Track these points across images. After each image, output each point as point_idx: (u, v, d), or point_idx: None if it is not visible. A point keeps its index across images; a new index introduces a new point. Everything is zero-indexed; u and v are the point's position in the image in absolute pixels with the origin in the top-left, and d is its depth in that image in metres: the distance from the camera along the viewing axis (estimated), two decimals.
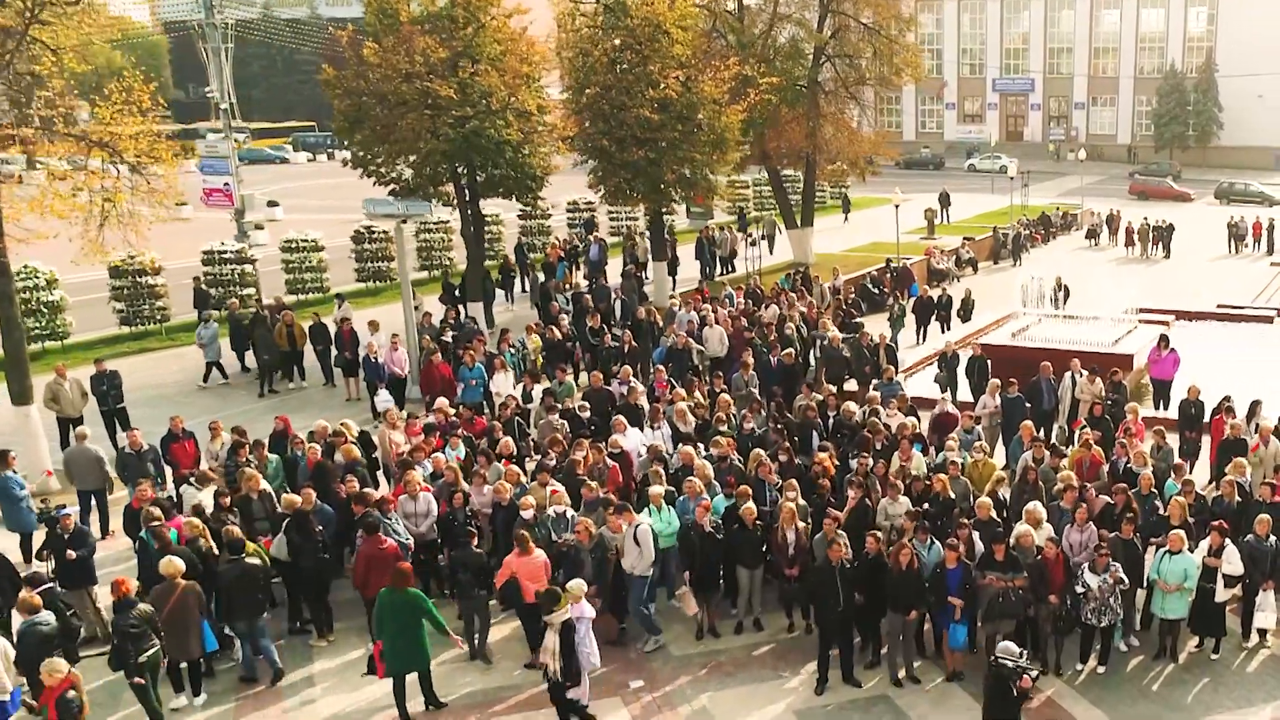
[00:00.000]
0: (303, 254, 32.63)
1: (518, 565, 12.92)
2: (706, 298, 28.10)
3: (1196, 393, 19.01)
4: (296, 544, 13.38)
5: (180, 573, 11.98)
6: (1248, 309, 34.48)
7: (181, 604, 11.79)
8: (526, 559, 12.91)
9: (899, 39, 36.89)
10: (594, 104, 28.04)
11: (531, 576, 12.85)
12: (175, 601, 11.74)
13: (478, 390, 20.97)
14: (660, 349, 23.27)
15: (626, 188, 28.83)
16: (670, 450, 16.56)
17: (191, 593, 11.96)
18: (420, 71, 23.19)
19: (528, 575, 12.85)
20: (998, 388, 19.36)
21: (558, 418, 17.69)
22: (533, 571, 12.88)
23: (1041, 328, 26.52)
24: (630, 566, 13.20)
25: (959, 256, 43.39)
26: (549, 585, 12.68)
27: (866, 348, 23.16)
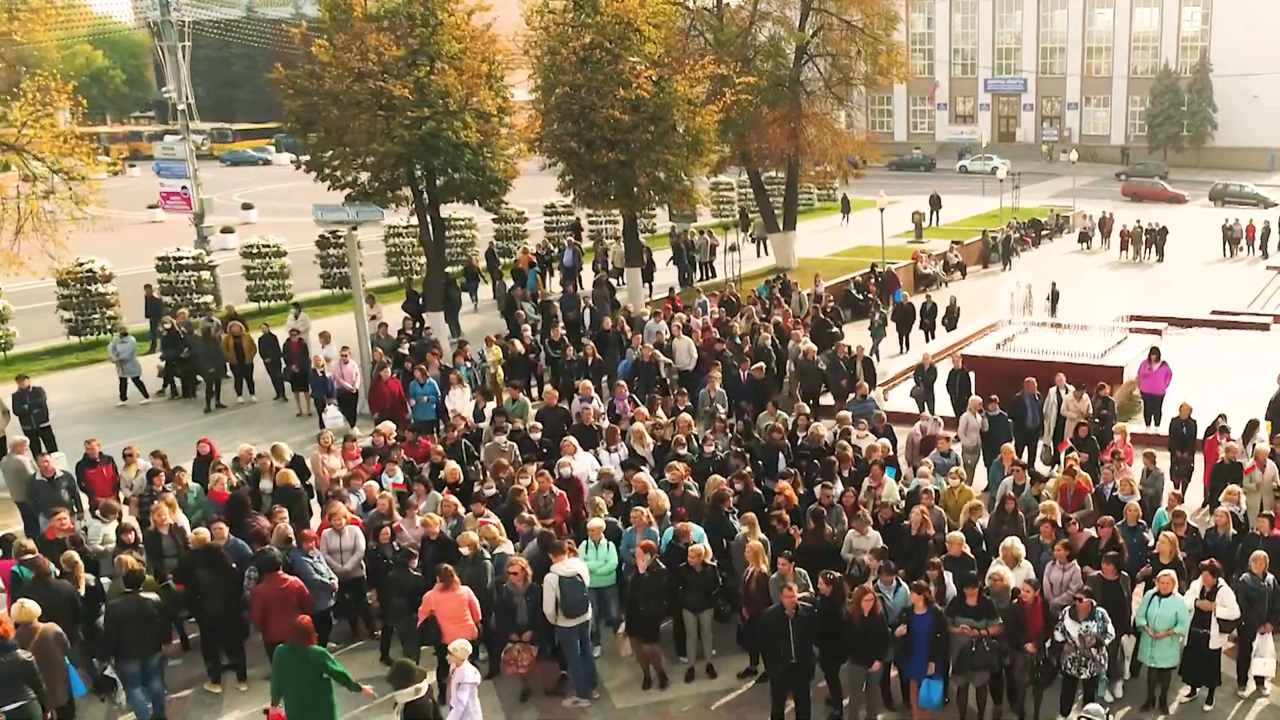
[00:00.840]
0: (264, 260, 31.45)
1: (437, 602, 11.77)
2: (679, 307, 26.96)
3: (1189, 411, 17.88)
4: (204, 584, 12.20)
5: (35, 616, 10.83)
6: (1243, 315, 33.39)
7: (41, 648, 10.63)
8: (447, 595, 11.75)
9: (884, 38, 35.74)
10: (563, 104, 26.88)
11: (452, 616, 11.71)
12: (34, 647, 10.58)
13: (430, 408, 19.81)
14: (625, 362, 22.12)
15: (597, 191, 27.65)
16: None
17: (51, 636, 10.80)
18: (374, 70, 22.03)
19: (447, 614, 11.71)
20: (978, 405, 18.22)
21: (505, 440, 16.52)
22: (454, 610, 11.74)
23: (1028, 337, 25.37)
24: (550, 615, 12.03)
25: (947, 261, 42.30)
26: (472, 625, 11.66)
27: (843, 360, 22.01)
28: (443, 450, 15.90)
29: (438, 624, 11.70)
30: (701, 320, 25.26)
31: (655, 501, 13.65)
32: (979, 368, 24.22)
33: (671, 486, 14.43)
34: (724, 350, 22.16)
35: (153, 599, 11.65)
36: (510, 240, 38.53)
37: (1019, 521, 13.70)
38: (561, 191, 28.46)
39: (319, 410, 20.79)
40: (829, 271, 37.55)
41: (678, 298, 27.64)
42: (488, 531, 12.98)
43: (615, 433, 16.64)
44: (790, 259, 37.57)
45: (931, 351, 28.05)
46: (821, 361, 22.12)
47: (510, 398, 18.82)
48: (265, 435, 21.27)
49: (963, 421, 18.31)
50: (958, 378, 21.02)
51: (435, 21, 23.14)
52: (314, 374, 20.79)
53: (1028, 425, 18.93)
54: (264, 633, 11.90)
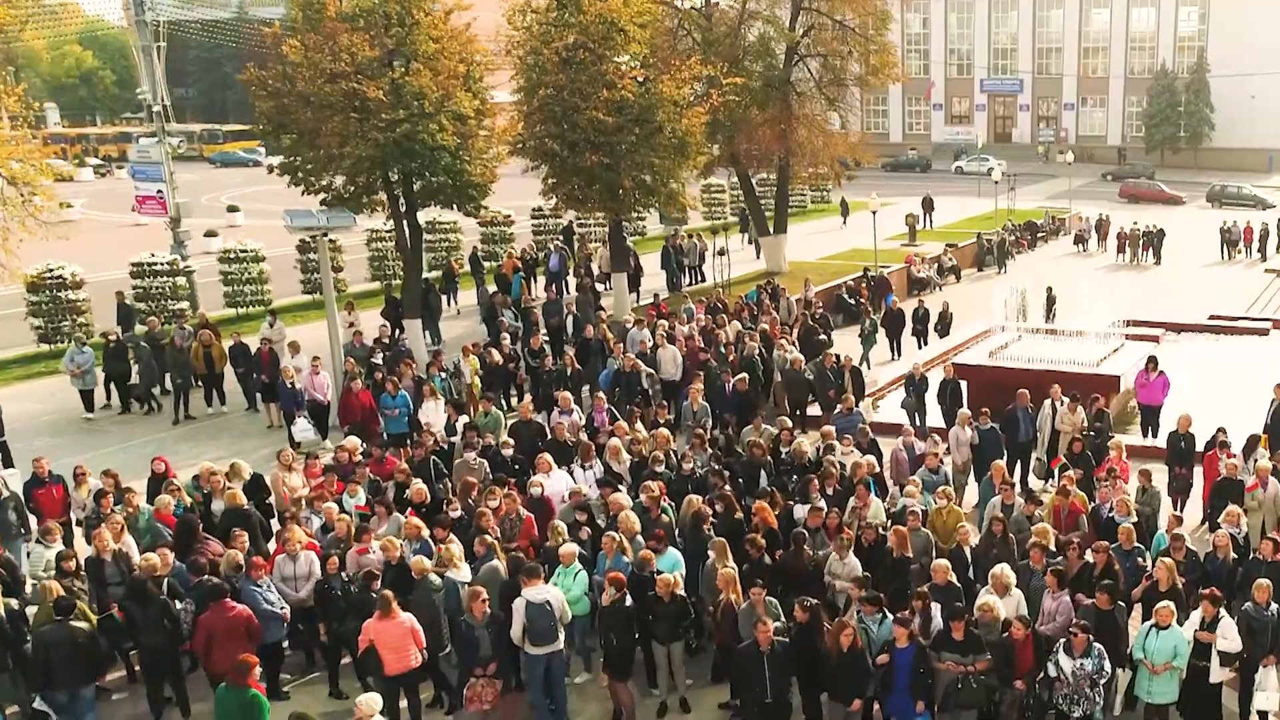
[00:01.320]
0: (242, 265, 30.74)
1: (376, 631, 11.10)
2: (664, 313, 26.29)
3: (1187, 424, 17.22)
4: (136, 617, 11.50)
5: None
6: (1242, 320, 32.74)
7: None
8: (388, 624, 11.09)
9: (876, 38, 35.06)
10: (545, 106, 26.22)
11: (393, 646, 11.05)
12: None
13: (402, 421, 19.12)
14: (606, 372, 21.44)
15: (580, 195, 26.98)
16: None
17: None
18: (346, 71, 21.34)
19: (387, 644, 11.04)
20: (968, 419, 17.54)
21: (475, 457, 15.83)
22: (395, 639, 11.07)
23: (1021, 345, 24.71)
24: (517, 640, 11.37)
25: (941, 264, 41.62)
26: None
27: (831, 370, 21.35)
28: (408, 469, 15.19)
29: (378, 654, 11.03)
30: (687, 328, 24.56)
31: (624, 523, 12.97)
32: (971, 377, 23.57)
33: (645, 508, 13.76)
34: (708, 361, 21.48)
35: (83, 628, 11.01)
36: (496, 244, 37.82)
37: (1009, 545, 13.04)
38: (544, 195, 27.76)
39: (288, 423, 20.09)
40: (821, 276, 36.86)
41: (663, 304, 26.98)
42: (444, 554, 12.29)
43: (589, 449, 15.95)
44: (781, 263, 36.90)
45: (924, 359, 27.48)
46: (808, 371, 21.45)
47: (482, 411, 18.13)
48: (234, 448, 20.64)
49: (952, 436, 17.64)
50: (949, 388, 20.35)
51: (411, 21, 22.45)
52: (282, 385, 20.10)
53: (1020, 439, 18.27)
54: (207, 665, 11.20)
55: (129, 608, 11.55)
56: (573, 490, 14.19)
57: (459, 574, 12.16)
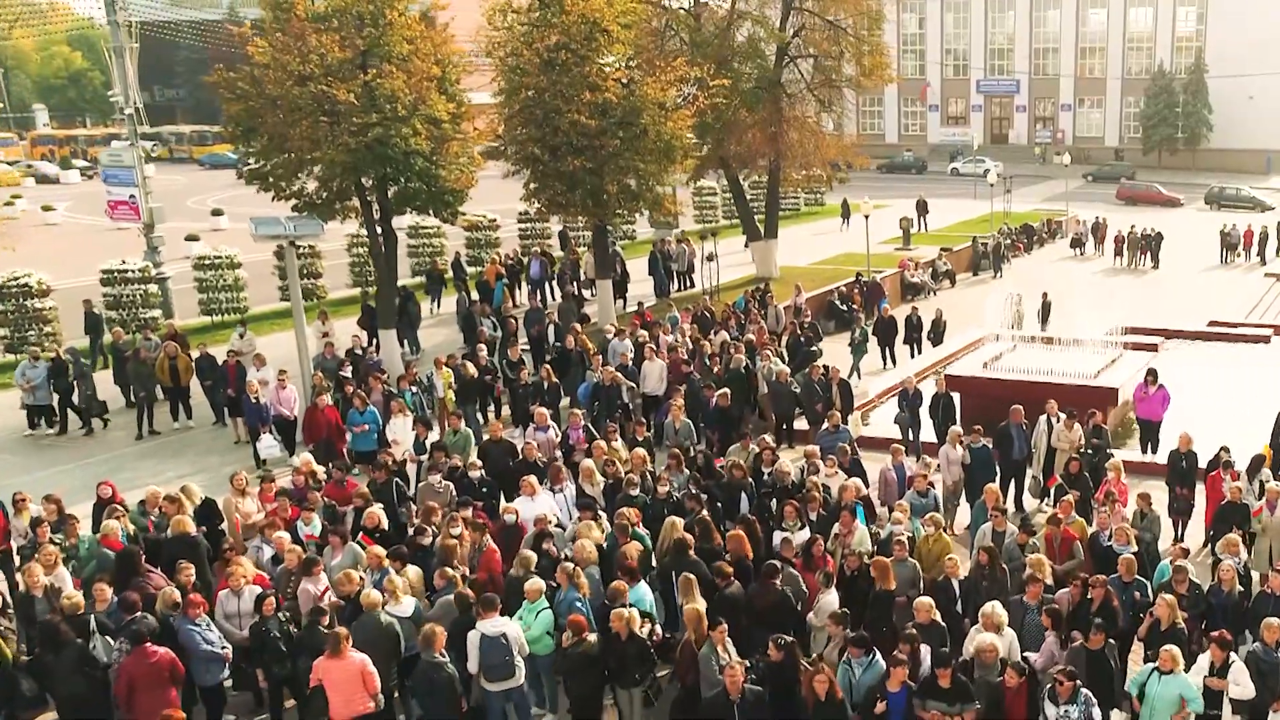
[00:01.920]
0: (217, 271, 29.93)
1: (325, 670, 10.31)
2: (649, 321, 25.51)
3: (1188, 442, 16.43)
4: (49, 664, 10.65)
5: None
6: (1242, 327, 32.01)
7: None
8: (337, 664, 10.29)
9: (869, 38, 34.30)
10: (526, 109, 25.46)
11: (341, 687, 10.26)
12: None
13: (371, 438, 18.32)
14: (585, 386, 20.65)
15: (562, 200, 26.20)
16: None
17: None
18: (315, 73, 20.56)
19: (335, 685, 10.27)
20: (959, 437, 16.75)
21: (441, 479, 15.03)
22: (344, 680, 10.29)
23: (1016, 355, 23.93)
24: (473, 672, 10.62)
25: (935, 269, 40.89)
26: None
27: (818, 383, 20.57)
28: (368, 493, 14.39)
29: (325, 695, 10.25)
30: (671, 338, 23.79)
31: (579, 554, 12.17)
32: (964, 389, 22.81)
33: (616, 536, 12.98)
34: (692, 374, 20.69)
35: None
36: (481, 249, 37.03)
37: (1000, 578, 12.26)
38: (525, 200, 26.98)
39: (253, 439, 19.29)
40: (813, 281, 36.08)
41: (647, 312, 26.15)
42: (387, 585, 11.50)
43: (559, 471, 15.15)
44: (772, 268, 36.12)
45: (917, 368, 26.73)
46: (795, 384, 20.68)
47: (452, 429, 17.32)
48: (198, 465, 19.87)
49: (942, 455, 16.85)
50: (941, 402, 19.59)
51: (384, 22, 21.67)
52: (247, 400, 19.29)
53: (1015, 456, 17.49)
54: (128, 714, 10.38)
55: (41, 654, 10.70)
56: (538, 517, 13.39)
57: (398, 608, 11.36)
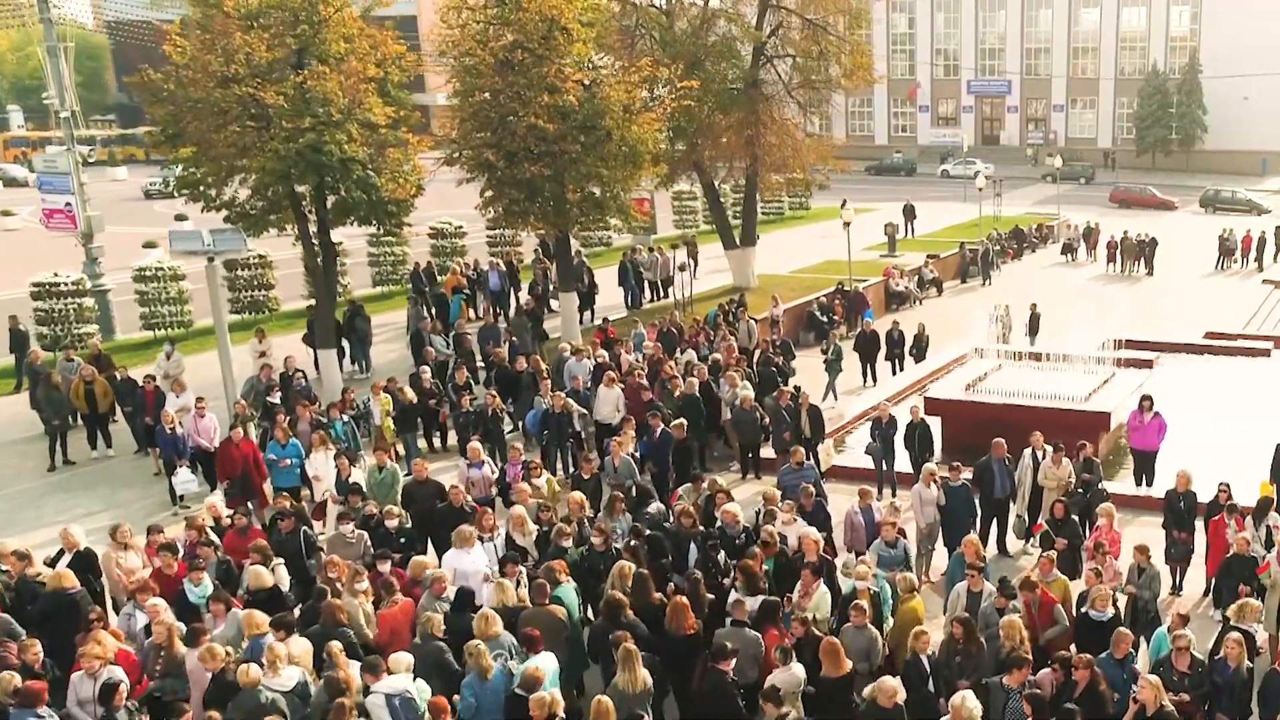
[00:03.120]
0: (159, 283, 28.30)
1: None
2: (612, 338, 23.94)
3: (1186, 482, 14.87)
4: None
5: None
6: (1241, 339, 30.49)
7: None
8: None
9: (850, 37, 32.73)
10: (480, 112, 23.87)
11: None
12: None
13: (294, 473, 16.72)
14: (533, 413, 19.07)
15: (518, 208, 24.61)
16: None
17: None
18: (241, 74, 18.95)
19: None
20: (933, 475, 15.17)
21: (353, 529, 13.42)
22: None
23: (1001, 375, 22.42)
24: None
25: (921, 277, 39.35)
26: None
27: (785, 409, 18.99)
28: (266, 546, 12.77)
29: None
30: (633, 357, 22.22)
31: (480, 624, 10.57)
32: (945, 412, 21.37)
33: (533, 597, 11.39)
34: (652, 400, 19.08)
35: None
36: (448, 257, 35.41)
37: (975, 653, 10.70)
38: (480, 209, 25.38)
39: (168, 473, 17.68)
40: (792, 290, 34.57)
41: (610, 328, 24.57)
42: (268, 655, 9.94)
43: (488, 517, 13.55)
44: (749, 277, 34.54)
45: (899, 387, 25.21)
46: (761, 410, 19.10)
47: (376, 465, 15.70)
48: (110, 500, 18.30)
49: (915, 494, 15.28)
50: (916, 432, 18.00)
51: (319, 18, 20.06)
52: (160, 431, 17.66)
53: (996, 495, 15.92)
54: None
55: None
56: (435, 577, 11.77)
57: (277, 680, 9.79)
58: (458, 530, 12.99)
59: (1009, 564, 16.08)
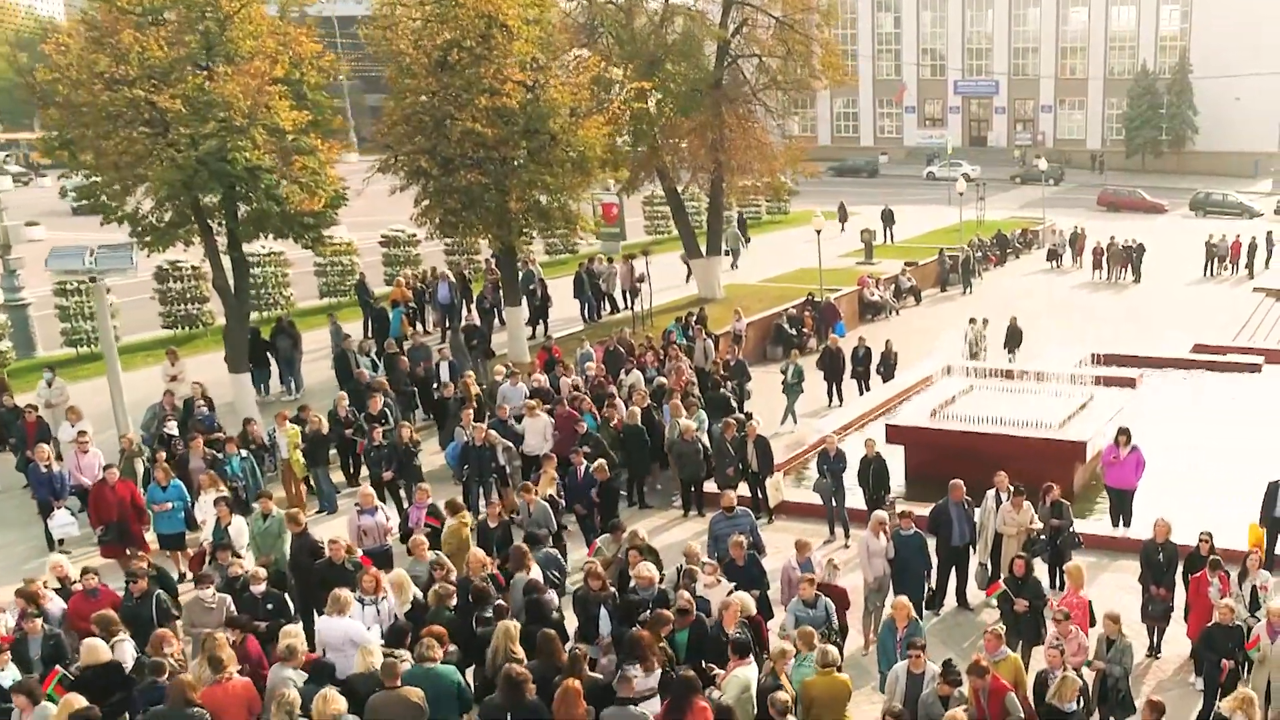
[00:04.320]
0: (81, 297, 26.57)
1: None
2: (555, 359, 22.29)
3: (1165, 532, 13.25)
4: None
5: None
6: (1231, 353, 28.89)
7: None
8: None
9: (819, 35, 31.08)
10: (413, 116, 22.23)
11: None
12: None
13: (177, 519, 15.06)
14: (452, 447, 17.40)
15: (455, 219, 22.96)
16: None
17: None
18: (132, 75, 17.28)
19: None
20: (882, 524, 13.52)
21: (213, 594, 11.75)
22: None
23: (971, 399, 20.76)
24: None
25: (898, 285, 37.75)
26: None
27: (731, 442, 17.36)
28: (113, 617, 11.08)
29: None
30: (574, 380, 20.58)
31: (319, 704, 8.92)
32: (909, 441, 19.77)
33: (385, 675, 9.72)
34: (586, 431, 17.40)
35: None
36: (402, 266, 33.70)
37: None
38: (416, 220, 23.71)
39: (43, 515, 15.99)
40: (760, 301, 32.91)
41: (555, 347, 22.90)
42: None
43: (368, 578, 11.87)
44: (715, 288, 32.87)
45: (864, 409, 23.59)
46: (701, 443, 17.46)
47: (260, 513, 14.01)
48: None
49: (861, 544, 13.63)
50: (870, 468, 16.35)
51: (223, 15, 18.39)
52: (34, 469, 15.96)
53: (954, 543, 14.29)
54: None
55: None
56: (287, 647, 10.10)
57: None
58: (331, 594, 11.36)
59: (968, 618, 14.52)
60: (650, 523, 17.44)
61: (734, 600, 11.37)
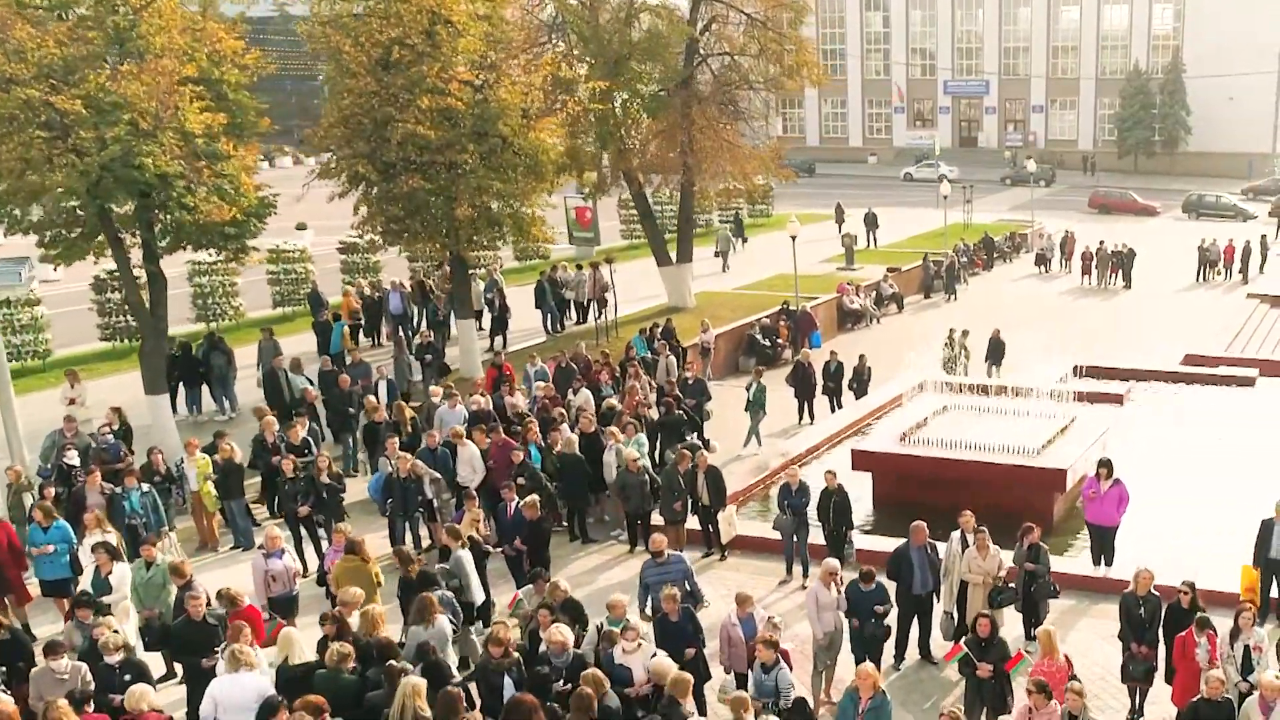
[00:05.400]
0: (11, 310, 25.11)
1: None
2: (506, 375, 20.88)
3: (1148, 584, 11.85)
4: None
5: None
6: (1223, 365, 27.54)
7: None
8: None
9: (791, 34, 29.65)
10: (351, 119, 20.82)
11: None
12: None
13: (60, 563, 13.63)
14: (376, 477, 15.98)
15: (398, 227, 21.55)
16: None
17: None
18: (24, 75, 15.83)
19: None
20: (833, 574, 12.10)
21: (67, 664, 10.31)
22: None
23: (944, 420, 19.38)
24: None
25: (880, 292, 36.41)
26: None
27: (683, 476, 15.95)
28: None
29: None
30: (517, 400, 19.18)
31: None
32: (876, 468, 18.37)
33: None
34: (523, 462, 15.97)
35: None
36: (361, 273, 32.26)
37: None
38: (357, 229, 22.30)
39: None
40: (734, 310, 31.53)
41: (505, 364, 21.48)
42: None
43: (244, 634, 10.43)
44: (685, 297, 31.43)
45: (836, 428, 22.21)
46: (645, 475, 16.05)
47: (142, 562, 12.58)
48: None
49: (810, 597, 12.20)
50: (832, 501, 14.95)
51: (133, 9, 16.95)
52: None
53: (916, 591, 12.90)
54: None
55: None
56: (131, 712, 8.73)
57: None
58: (230, 651, 10.00)
59: (932, 674, 13.14)
60: (590, 561, 16.10)
61: (657, 668, 10.00)
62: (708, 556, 16.22)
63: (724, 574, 15.74)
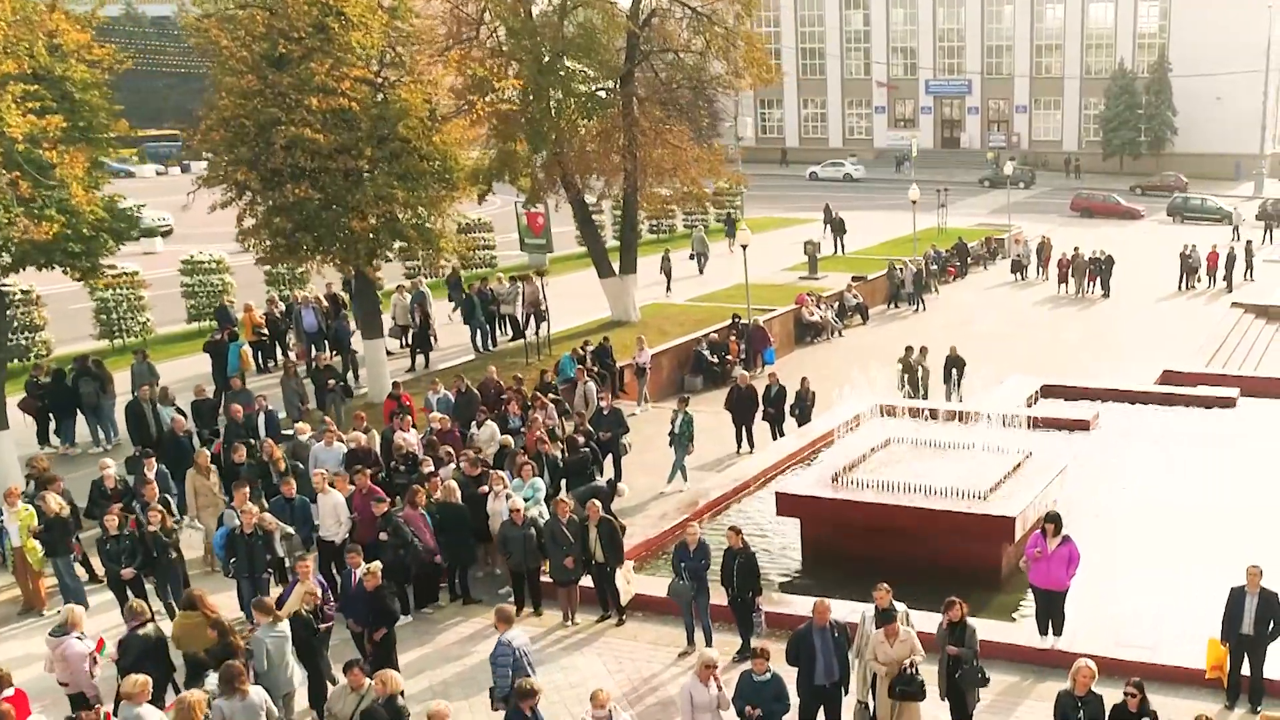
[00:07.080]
0: None
1: None
2: (406, 405, 18.84)
3: (1088, 683, 9.82)
4: None
5: None
6: (1201, 384, 25.53)
7: None
8: None
9: (740, 30, 27.61)
10: (230, 121, 18.78)
11: None
12: None
13: None
14: (220, 532, 13.93)
15: (286, 242, 19.50)
16: None
17: None
18: None
19: None
20: (711, 667, 10.07)
21: None
22: None
23: (883, 457, 17.31)
24: None
25: (843, 303, 34.45)
26: None
27: (568, 525, 13.91)
28: None
29: None
30: (409, 436, 17.14)
31: None
32: (804, 515, 16.38)
33: None
34: (387, 513, 13.94)
35: None
36: (286, 286, 30.21)
37: None
38: (240, 241, 20.25)
39: None
40: (681, 325, 29.54)
41: (404, 394, 19.42)
42: None
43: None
44: (629, 310, 29.36)
45: (777, 457, 20.19)
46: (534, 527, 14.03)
47: None
48: None
49: (683, 695, 10.17)
50: (736, 563, 12.91)
51: None
52: None
53: (818, 681, 10.88)
54: None
55: None
56: None
57: None
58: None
59: None
60: (469, 627, 14.07)
61: None
62: (603, 620, 14.22)
63: (617, 643, 13.73)
